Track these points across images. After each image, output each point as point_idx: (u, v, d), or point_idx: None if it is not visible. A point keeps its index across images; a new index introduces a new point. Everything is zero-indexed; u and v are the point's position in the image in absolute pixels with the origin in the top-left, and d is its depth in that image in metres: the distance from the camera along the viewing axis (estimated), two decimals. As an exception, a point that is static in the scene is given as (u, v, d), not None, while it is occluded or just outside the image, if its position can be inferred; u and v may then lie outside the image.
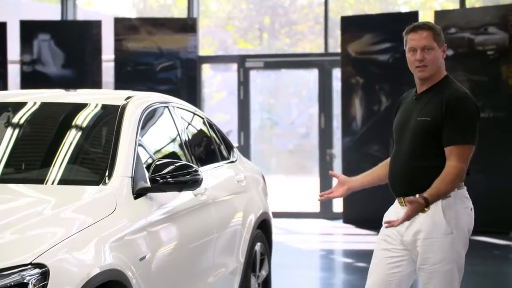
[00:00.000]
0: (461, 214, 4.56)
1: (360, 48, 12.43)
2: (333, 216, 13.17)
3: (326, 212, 13.29)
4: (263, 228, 6.31)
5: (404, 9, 16.55)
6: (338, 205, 12.97)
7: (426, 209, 4.35)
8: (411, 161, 4.51)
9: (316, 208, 13.24)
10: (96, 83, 12.95)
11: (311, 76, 13.86)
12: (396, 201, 4.63)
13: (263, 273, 6.29)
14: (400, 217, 4.41)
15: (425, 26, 4.58)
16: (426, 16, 14.02)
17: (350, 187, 4.84)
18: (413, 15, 12.29)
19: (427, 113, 4.47)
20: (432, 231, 4.44)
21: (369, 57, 12.36)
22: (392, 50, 12.22)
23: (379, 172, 4.84)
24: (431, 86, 4.57)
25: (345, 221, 12.44)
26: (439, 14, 12.32)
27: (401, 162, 4.55)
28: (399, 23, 12.21)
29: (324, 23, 13.75)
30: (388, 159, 4.76)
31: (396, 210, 4.60)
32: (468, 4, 13.09)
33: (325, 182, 13.10)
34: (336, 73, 13.27)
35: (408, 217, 4.33)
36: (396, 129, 4.67)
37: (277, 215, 9.79)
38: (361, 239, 11.34)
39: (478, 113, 4.51)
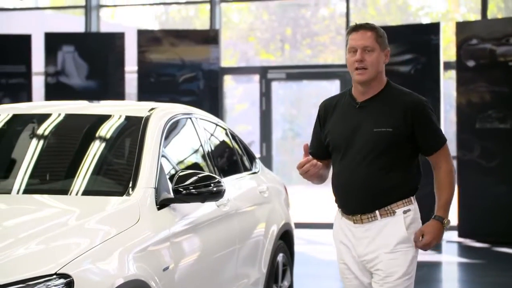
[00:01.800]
0: (419, 227, 4.35)
1: (382, 59, 12.37)
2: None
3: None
4: (285, 239, 6.30)
5: (426, 20, 16.51)
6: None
7: (447, 226, 4.32)
8: (371, 175, 4.21)
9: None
10: (119, 95, 12.98)
11: (333, 87, 13.83)
12: (344, 218, 4.33)
13: (286, 283, 6.28)
14: (357, 236, 4.24)
15: (368, 26, 4.33)
16: (447, 28, 13.98)
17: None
18: (435, 26, 12.24)
19: (386, 123, 4.20)
20: (396, 244, 4.23)
21: (390, 68, 12.27)
22: (414, 61, 12.18)
23: (323, 173, 4.41)
24: (377, 94, 4.29)
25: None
26: (460, 25, 12.28)
27: (357, 177, 4.23)
28: (421, 34, 12.27)
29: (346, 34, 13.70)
30: (318, 163, 4.27)
31: (350, 229, 4.30)
32: (490, 15, 13.04)
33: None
34: (358, 84, 13.20)
35: (432, 245, 4.28)
36: (339, 141, 4.30)
37: (299, 225, 9.76)
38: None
39: None
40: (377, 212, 4.23)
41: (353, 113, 4.31)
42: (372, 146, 4.21)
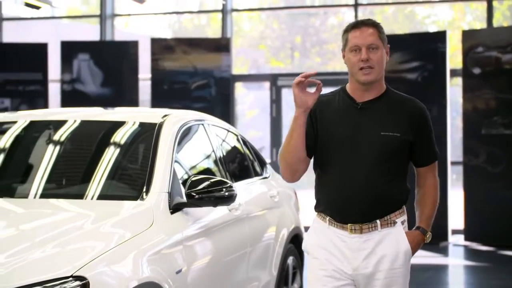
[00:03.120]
0: None
1: (389, 67, 12.30)
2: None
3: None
4: (295, 242, 6.29)
5: (432, 28, 16.50)
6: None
7: (428, 240, 3.97)
8: (375, 181, 3.81)
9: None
10: (133, 101, 13.00)
11: (342, 94, 13.82)
12: (333, 227, 3.87)
13: (296, 286, 6.27)
14: (353, 248, 3.81)
15: (369, 22, 3.87)
16: (454, 36, 13.96)
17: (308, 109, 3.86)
18: (441, 34, 12.22)
19: (392, 127, 3.83)
20: (396, 260, 3.86)
21: (397, 75, 12.30)
22: (421, 69, 12.16)
23: (302, 150, 3.84)
24: (379, 96, 3.91)
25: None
26: (467, 34, 12.26)
27: (359, 183, 3.81)
28: (427, 42, 12.26)
29: (354, 42, 13.70)
30: (287, 138, 3.85)
31: (343, 240, 3.85)
32: (495, 24, 13.02)
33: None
34: (366, 91, 13.20)
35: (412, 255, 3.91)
36: (338, 142, 3.85)
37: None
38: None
39: None
40: (378, 221, 3.83)
41: (353, 113, 3.88)
42: (378, 150, 3.81)
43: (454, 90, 13.12)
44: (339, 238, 3.87)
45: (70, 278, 3.51)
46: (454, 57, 13.44)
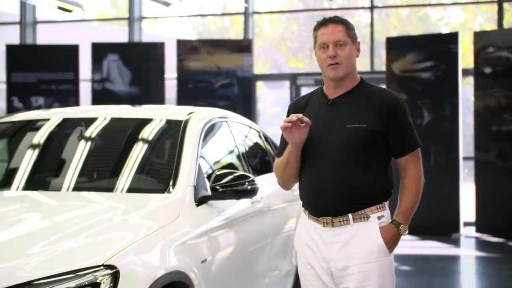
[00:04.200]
0: None
1: (404, 67, 12.34)
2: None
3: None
4: (314, 234, 6.27)
5: (445, 30, 16.42)
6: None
7: (403, 233, 3.74)
8: (344, 174, 3.67)
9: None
10: (159, 100, 13.04)
11: (358, 92, 13.78)
12: (311, 220, 3.79)
13: (314, 275, 6.25)
14: (326, 241, 3.70)
15: (337, 19, 3.78)
16: (465, 37, 13.89)
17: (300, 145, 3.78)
18: (454, 35, 12.17)
19: (359, 119, 3.68)
20: (370, 254, 3.68)
21: (412, 75, 12.26)
22: (434, 68, 12.11)
23: (297, 168, 3.85)
24: (350, 90, 3.78)
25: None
26: (478, 35, 12.20)
27: (329, 177, 3.69)
28: (440, 43, 12.21)
29: (370, 43, 13.70)
30: (284, 161, 3.84)
31: (318, 233, 3.75)
32: (505, 25, 12.95)
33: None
34: (381, 90, 13.16)
35: (391, 251, 3.73)
36: (310, 139, 3.74)
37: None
38: (404, 244, 11.22)
39: None
40: (350, 215, 3.68)
41: (325, 110, 3.78)
42: (345, 143, 3.67)
43: (466, 88, 13.06)
44: (315, 231, 3.79)
45: (101, 267, 3.52)
46: (466, 57, 13.38)
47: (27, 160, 5.03)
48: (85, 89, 13.97)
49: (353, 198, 3.69)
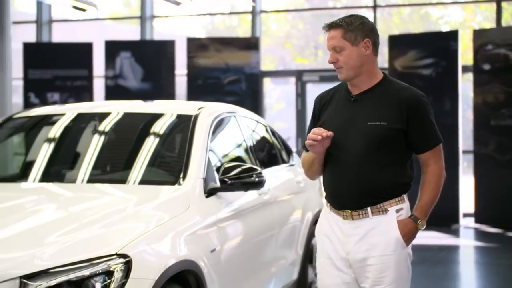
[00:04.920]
0: None
1: (406, 63, 12.32)
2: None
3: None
4: (319, 224, 6.27)
5: (445, 28, 16.38)
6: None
7: (421, 228, 3.70)
8: (365, 170, 3.63)
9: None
10: (170, 95, 13.03)
11: (361, 88, 13.76)
12: (333, 213, 3.76)
13: (319, 264, 6.25)
14: (346, 233, 3.68)
15: (334, 24, 3.70)
16: (465, 35, 13.86)
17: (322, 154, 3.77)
18: (454, 33, 12.14)
19: (381, 117, 3.63)
20: (387, 247, 3.64)
21: (413, 71, 12.23)
22: (434, 65, 12.09)
23: (321, 164, 3.82)
24: (372, 87, 3.72)
25: (392, 218, 12.31)
26: (477, 33, 12.17)
27: (350, 171, 3.65)
28: (441, 41, 12.17)
29: (373, 41, 13.65)
30: (309, 160, 3.81)
31: (338, 225, 3.73)
32: (504, 23, 12.91)
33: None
34: (384, 86, 13.14)
35: (408, 244, 3.68)
36: (335, 134, 3.68)
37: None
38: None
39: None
40: (368, 209, 3.65)
41: (347, 106, 3.73)
42: (366, 140, 3.63)
43: (466, 84, 13.03)
44: (335, 223, 3.75)
45: (115, 256, 3.53)
46: (465, 55, 13.34)
47: (43, 153, 5.05)
48: (98, 85, 13.98)
49: (372, 193, 3.66)
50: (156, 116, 5.16)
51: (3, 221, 3.85)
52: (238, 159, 5.40)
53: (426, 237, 10.74)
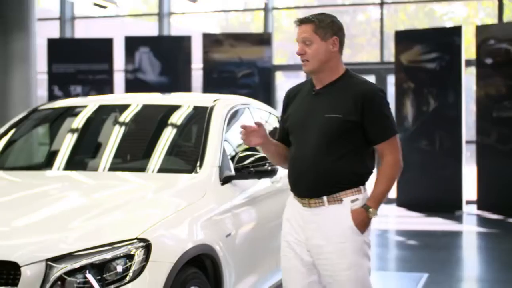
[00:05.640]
0: None
1: (411, 58, 12.28)
2: (387, 201, 13.05)
3: (381, 197, 13.20)
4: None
5: (449, 24, 16.31)
6: (392, 191, 12.86)
7: (372, 216, 3.65)
8: (319, 160, 3.63)
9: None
10: (187, 88, 13.04)
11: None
12: (296, 201, 3.77)
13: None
14: (305, 220, 3.69)
15: (306, 20, 3.72)
16: (468, 30, 13.79)
17: (264, 143, 3.85)
18: (457, 29, 12.09)
19: (336, 109, 3.63)
20: (342, 235, 3.63)
21: (418, 65, 12.19)
22: (439, 59, 12.05)
23: (282, 153, 3.90)
24: (333, 82, 3.73)
25: (398, 205, 12.31)
26: (480, 28, 12.12)
27: (307, 162, 3.66)
28: (445, 36, 12.13)
29: (380, 36, 13.62)
30: (281, 147, 3.88)
31: (299, 211, 3.74)
32: (505, 19, 12.85)
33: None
34: (391, 79, 13.13)
35: (362, 232, 3.65)
36: (295, 126, 3.76)
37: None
38: (412, 220, 11.22)
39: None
40: (324, 198, 3.65)
41: (310, 99, 3.75)
42: (323, 132, 3.64)
43: (469, 78, 12.98)
44: (297, 209, 3.77)
45: (135, 240, 3.54)
46: (468, 49, 13.28)
47: (66, 143, 5.06)
48: (118, 79, 14.00)
49: (328, 183, 3.65)
50: (174, 108, 5.16)
51: (29, 207, 3.87)
52: (252, 148, 5.38)
53: (431, 223, 10.73)
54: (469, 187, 11.97)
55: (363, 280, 3.69)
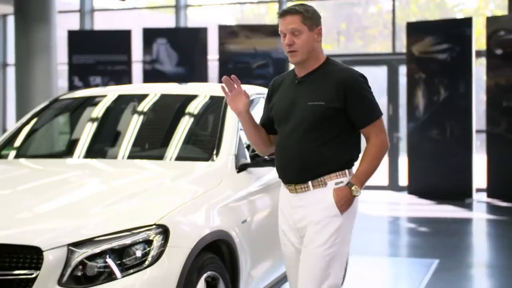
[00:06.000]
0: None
1: (423, 49, 12.23)
2: (399, 188, 13.05)
3: (393, 185, 13.18)
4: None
5: (460, 15, 16.22)
6: (403, 179, 12.85)
7: (355, 194, 3.64)
8: (304, 147, 3.64)
9: (385, 182, 13.14)
10: (203, 78, 13.04)
11: (381, 72, 13.70)
12: (284, 187, 3.80)
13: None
14: (292, 205, 3.72)
15: (293, 10, 3.67)
16: (478, 22, 13.71)
17: (245, 112, 3.84)
18: (468, 20, 12.03)
19: (319, 97, 3.63)
20: (323, 214, 3.63)
21: (430, 56, 12.14)
22: (449, 50, 12.00)
23: (261, 136, 3.91)
24: (314, 70, 3.72)
25: (410, 192, 12.29)
26: (490, 20, 12.05)
27: (293, 149, 3.67)
28: (456, 27, 12.07)
29: (392, 27, 13.57)
30: (262, 131, 3.90)
31: (288, 198, 3.77)
32: (515, 11, 12.77)
33: (393, 160, 13.06)
34: (402, 70, 13.09)
35: (343, 211, 3.64)
36: (279, 115, 3.76)
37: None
38: (423, 208, 11.20)
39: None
40: (309, 182, 3.65)
41: (293, 88, 3.75)
42: (306, 119, 3.63)
43: (479, 68, 12.92)
44: (285, 196, 3.80)
45: (154, 226, 3.54)
46: (478, 40, 13.21)
47: (86, 132, 5.08)
48: (137, 70, 14.02)
49: (312, 169, 3.65)
50: (191, 97, 5.16)
51: (51, 194, 3.89)
52: (267, 137, 5.38)
53: (441, 211, 10.71)
54: (479, 175, 11.94)
55: (332, 262, 3.64)
